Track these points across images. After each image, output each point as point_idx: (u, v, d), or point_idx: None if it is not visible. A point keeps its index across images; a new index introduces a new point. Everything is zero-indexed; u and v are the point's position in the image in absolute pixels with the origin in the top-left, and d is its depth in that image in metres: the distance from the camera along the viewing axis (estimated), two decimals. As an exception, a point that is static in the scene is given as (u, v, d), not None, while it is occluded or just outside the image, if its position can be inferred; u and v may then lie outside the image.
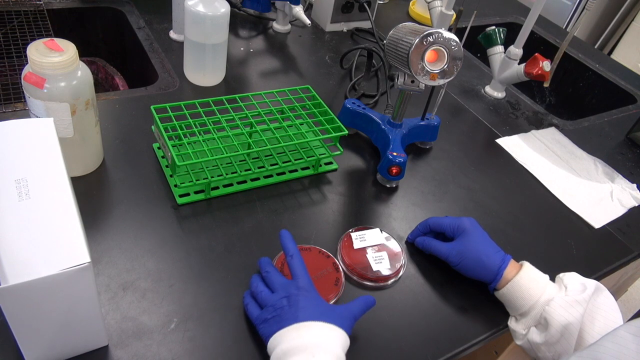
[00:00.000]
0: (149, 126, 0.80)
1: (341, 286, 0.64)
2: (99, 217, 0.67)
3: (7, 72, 0.95)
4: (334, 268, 0.66)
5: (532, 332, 0.62)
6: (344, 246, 0.70)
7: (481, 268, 0.65)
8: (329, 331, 0.53)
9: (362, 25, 1.24)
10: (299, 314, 0.53)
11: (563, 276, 0.65)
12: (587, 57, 1.38)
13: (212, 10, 0.85)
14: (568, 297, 0.61)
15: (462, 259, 0.66)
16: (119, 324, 0.56)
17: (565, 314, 0.59)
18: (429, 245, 0.70)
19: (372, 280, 0.67)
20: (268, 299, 0.57)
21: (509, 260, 0.65)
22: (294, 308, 0.54)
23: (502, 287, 0.64)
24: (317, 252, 0.68)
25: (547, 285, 0.63)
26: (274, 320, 0.54)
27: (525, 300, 0.62)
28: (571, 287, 0.62)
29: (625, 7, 2.54)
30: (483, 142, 0.99)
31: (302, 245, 0.68)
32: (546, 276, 0.65)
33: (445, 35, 0.70)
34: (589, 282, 0.63)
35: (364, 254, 0.70)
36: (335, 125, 0.80)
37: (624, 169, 1.00)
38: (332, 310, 0.55)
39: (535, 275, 0.64)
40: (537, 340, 0.61)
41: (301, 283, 0.56)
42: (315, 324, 0.53)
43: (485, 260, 0.65)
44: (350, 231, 0.72)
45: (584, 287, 0.61)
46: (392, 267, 0.69)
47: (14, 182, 0.48)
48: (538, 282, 0.63)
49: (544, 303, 0.61)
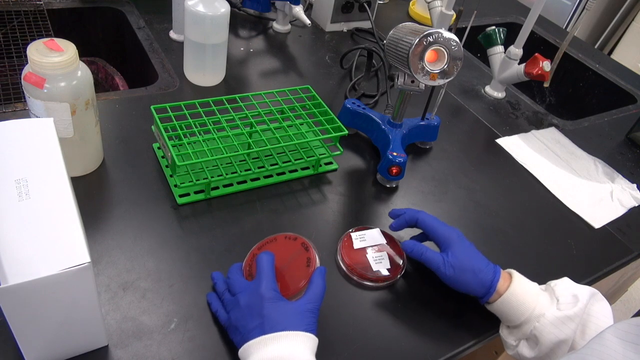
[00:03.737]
0: (149, 126, 0.80)
1: (314, 266, 0.61)
2: (99, 217, 0.67)
3: (7, 72, 0.95)
4: (304, 248, 0.63)
5: (522, 346, 0.61)
6: (344, 246, 0.70)
7: (475, 283, 0.62)
8: (296, 338, 0.52)
9: (362, 25, 1.24)
10: (264, 326, 0.52)
11: (555, 286, 0.62)
12: (587, 57, 1.38)
13: (212, 10, 0.85)
14: (559, 312, 0.58)
15: (455, 272, 0.63)
16: (119, 324, 0.56)
17: (556, 332, 0.57)
18: (420, 252, 0.65)
19: (372, 281, 0.67)
20: (230, 304, 0.56)
21: (499, 273, 0.63)
22: (258, 318, 0.53)
23: (494, 300, 0.62)
24: (283, 238, 0.64)
25: (539, 298, 0.61)
26: (238, 330, 0.54)
27: (517, 315, 0.60)
28: (563, 300, 0.60)
29: (625, 7, 2.54)
30: (483, 142, 0.99)
31: (267, 237, 0.65)
32: (536, 285, 0.63)
33: (445, 35, 0.70)
34: (582, 291, 0.61)
35: (364, 254, 0.70)
36: (335, 125, 0.80)
37: (624, 169, 1.00)
38: (295, 313, 0.54)
39: (526, 287, 0.62)
40: (527, 354, 0.60)
41: (263, 288, 0.55)
42: (281, 335, 0.51)
43: (479, 274, 0.62)
44: (350, 231, 0.72)
45: (576, 300, 0.59)
46: (392, 267, 0.69)
47: (14, 182, 0.48)
48: (530, 294, 0.61)
49: (535, 319, 0.59)
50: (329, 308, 0.63)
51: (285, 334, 0.51)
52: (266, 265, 0.57)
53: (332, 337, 0.60)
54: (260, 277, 0.56)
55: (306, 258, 0.62)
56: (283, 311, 0.53)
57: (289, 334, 0.51)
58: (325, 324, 0.61)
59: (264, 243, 0.65)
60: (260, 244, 0.65)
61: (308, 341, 0.52)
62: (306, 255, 0.62)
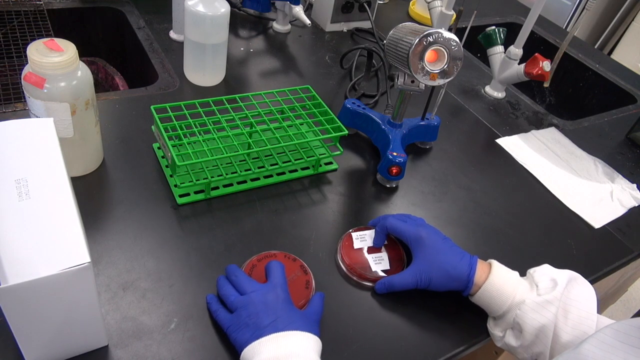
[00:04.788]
0: (149, 126, 0.80)
1: (312, 289, 0.63)
2: (99, 217, 0.67)
3: (7, 72, 0.95)
4: (302, 271, 0.65)
5: (508, 335, 0.61)
6: (344, 246, 0.70)
7: (451, 281, 0.62)
8: (304, 339, 0.53)
9: (362, 25, 1.24)
10: (278, 324, 0.53)
11: (534, 272, 0.63)
12: (587, 57, 1.38)
13: (212, 10, 0.85)
14: (539, 297, 0.59)
15: (430, 279, 0.63)
16: (119, 324, 0.56)
17: (537, 317, 0.58)
18: (391, 287, 0.65)
19: (371, 281, 0.67)
20: (238, 302, 0.56)
21: (475, 264, 0.63)
22: (273, 316, 0.53)
23: (474, 292, 0.63)
24: (283, 256, 0.66)
25: (519, 286, 0.61)
26: (248, 327, 0.53)
27: (498, 304, 0.61)
28: (542, 285, 0.60)
29: (625, 7, 2.54)
30: (483, 142, 0.99)
31: (267, 252, 0.66)
32: (516, 273, 0.63)
33: (445, 35, 0.70)
34: (561, 275, 0.61)
35: (364, 254, 0.70)
36: (335, 125, 0.80)
37: (624, 169, 1.00)
38: (304, 317, 0.56)
39: (505, 276, 0.62)
40: (513, 343, 0.60)
41: (280, 289, 0.56)
42: (294, 333, 0.52)
43: (452, 272, 0.62)
44: (351, 231, 0.72)
45: (554, 283, 0.59)
46: (392, 268, 0.69)
47: (14, 182, 0.48)
48: (509, 283, 0.61)
49: (516, 306, 0.60)
50: (329, 308, 0.63)
51: (298, 333, 0.53)
52: (280, 271, 0.60)
53: (332, 337, 0.60)
54: (275, 279, 0.58)
55: (305, 280, 0.64)
56: (295, 313, 0.55)
57: (302, 333, 0.53)
58: (325, 324, 0.61)
59: (263, 256, 0.65)
60: (260, 256, 0.65)
61: (316, 344, 0.54)
62: (305, 277, 0.65)
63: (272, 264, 0.60)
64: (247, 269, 0.63)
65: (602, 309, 1.41)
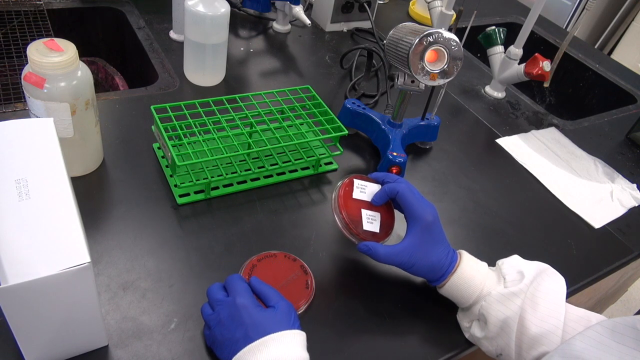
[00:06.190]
0: (149, 126, 0.80)
1: (312, 289, 0.63)
2: (99, 217, 0.67)
3: (7, 72, 0.95)
4: (302, 271, 0.65)
5: (474, 327, 0.62)
6: (345, 192, 0.65)
7: (429, 272, 0.62)
8: (283, 339, 0.51)
9: (362, 25, 1.24)
10: (249, 333, 0.51)
11: (502, 264, 0.63)
12: (587, 57, 1.38)
13: (212, 10, 0.85)
14: (505, 289, 0.59)
15: (414, 264, 0.61)
16: (119, 324, 0.57)
17: (502, 309, 0.58)
18: (375, 256, 0.62)
19: (357, 238, 0.64)
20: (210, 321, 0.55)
21: (456, 260, 0.62)
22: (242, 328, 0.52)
23: (443, 284, 0.62)
24: (283, 256, 0.66)
25: (487, 278, 0.61)
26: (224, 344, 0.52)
27: (465, 297, 0.61)
28: (509, 278, 0.60)
29: (625, 7, 2.54)
30: (483, 142, 0.99)
31: (267, 252, 0.66)
32: (484, 265, 0.63)
33: (445, 35, 0.70)
34: (529, 266, 0.61)
35: (359, 208, 0.65)
36: (335, 125, 0.80)
37: (624, 169, 1.00)
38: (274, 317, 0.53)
39: (474, 268, 0.62)
40: (478, 335, 0.61)
41: (238, 299, 0.54)
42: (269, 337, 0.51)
43: (437, 264, 0.61)
44: (354, 177, 0.67)
45: (521, 276, 0.59)
46: (381, 232, 0.65)
47: (14, 182, 0.48)
48: (477, 276, 0.61)
49: (482, 298, 0.60)
50: (329, 306, 0.63)
51: (272, 337, 0.51)
52: (237, 281, 0.57)
53: (332, 336, 0.60)
54: (234, 291, 0.55)
55: (305, 281, 0.64)
56: (263, 315, 0.53)
57: (275, 336, 0.51)
58: (325, 324, 0.61)
59: (263, 256, 0.65)
60: (260, 256, 0.65)
61: (296, 337, 0.52)
62: (305, 278, 0.64)
63: (227, 279, 0.57)
64: (247, 269, 0.63)
65: (602, 309, 1.40)
